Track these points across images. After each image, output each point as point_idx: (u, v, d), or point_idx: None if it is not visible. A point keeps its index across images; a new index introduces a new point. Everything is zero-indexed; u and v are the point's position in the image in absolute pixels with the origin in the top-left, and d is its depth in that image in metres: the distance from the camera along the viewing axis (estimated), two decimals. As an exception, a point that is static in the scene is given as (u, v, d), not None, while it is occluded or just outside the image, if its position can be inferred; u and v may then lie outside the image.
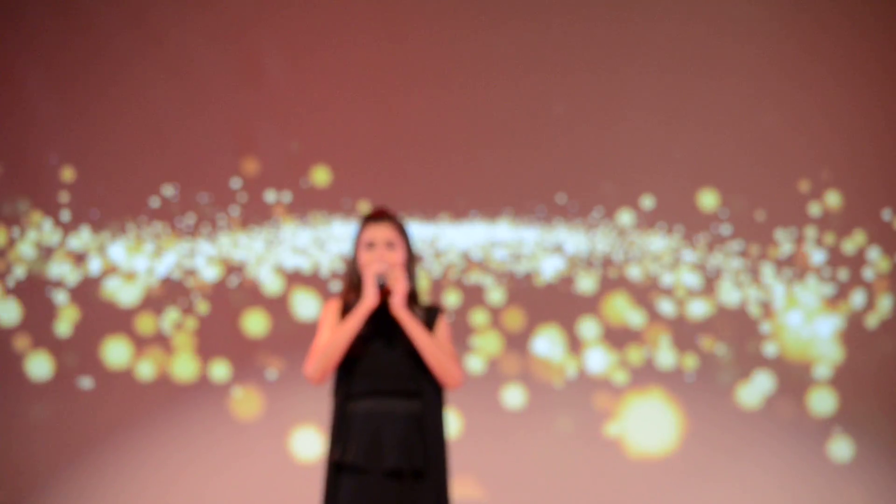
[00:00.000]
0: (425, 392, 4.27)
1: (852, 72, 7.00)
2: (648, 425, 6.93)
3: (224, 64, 7.08)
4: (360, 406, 4.25)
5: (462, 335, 6.91)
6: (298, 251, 7.02)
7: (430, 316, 4.35)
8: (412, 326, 4.25)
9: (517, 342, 6.99)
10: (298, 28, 7.07)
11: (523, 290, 7.01)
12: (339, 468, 4.23)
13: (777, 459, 6.87)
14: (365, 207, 6.96)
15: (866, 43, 7.00)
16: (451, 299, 6.97)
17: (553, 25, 7.03)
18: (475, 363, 6.97)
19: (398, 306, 4.25)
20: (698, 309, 6.97)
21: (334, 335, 4.24)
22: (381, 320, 4.29)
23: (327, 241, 7.01)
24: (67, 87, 7.10)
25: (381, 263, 4.27)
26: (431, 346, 4.24)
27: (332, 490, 4.24)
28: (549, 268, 7.00)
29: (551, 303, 6.99)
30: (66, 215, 7.08)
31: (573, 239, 7.00)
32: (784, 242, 6.97)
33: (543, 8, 7.03)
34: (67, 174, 7.07)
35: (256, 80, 7.08)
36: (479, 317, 7.00)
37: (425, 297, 4.66)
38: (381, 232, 4.34)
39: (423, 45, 7.02)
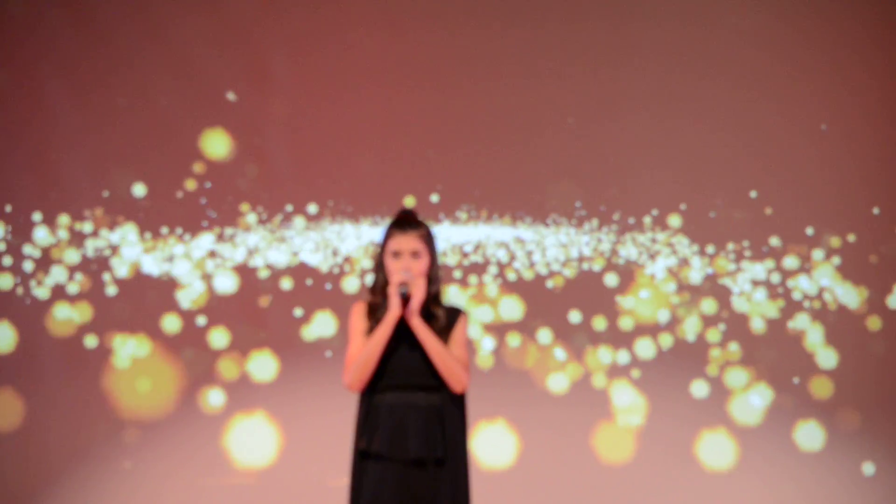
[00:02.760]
0: (445, 386, 4.46)
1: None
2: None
3: (229, 64, 7.11)
4: (384, 398, 4.45)
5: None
6: (308, 252, 7.06)
7: (451, 317, 4.53)
8: (422, 333, 4.44)
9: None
10: (303, 29, 7.11)
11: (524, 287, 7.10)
12: (365, 456, 4.42)
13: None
14: (368, 209, 7.02)
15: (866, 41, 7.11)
16: (459, 297, 7.06)
17: (555, 27, 7.10)
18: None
19: (411, 315, 4.43)
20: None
21: (367, 347, 4.44)
22: (405, 323, 4.47)
23: (334, 243, 7.06)
24: (76, 84, 7.12)
25: (403, 274, 4.42)
26: (440, 351, 4.44)
27: (359, 477, 4.43)
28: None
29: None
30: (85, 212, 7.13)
31: (589, 241, 7.08)
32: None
33: (546, 10, 7.11)
34: (76, 175, 7.11)
35: (261, 81, 7.12)
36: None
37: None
38: (407, 242, 4.48)
39: (427, 47, 7.09)
